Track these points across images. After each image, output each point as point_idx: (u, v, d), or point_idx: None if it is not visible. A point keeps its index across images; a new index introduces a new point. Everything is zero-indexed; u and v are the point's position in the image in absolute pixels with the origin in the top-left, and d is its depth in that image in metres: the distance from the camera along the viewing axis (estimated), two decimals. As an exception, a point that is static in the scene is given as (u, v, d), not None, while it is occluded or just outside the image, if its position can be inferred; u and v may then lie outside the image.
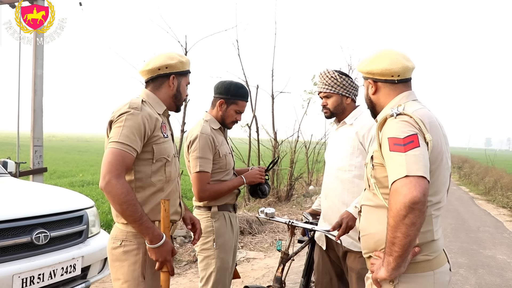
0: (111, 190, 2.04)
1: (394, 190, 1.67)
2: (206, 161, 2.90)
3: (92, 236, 3.88)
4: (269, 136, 11.79)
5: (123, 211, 2.08)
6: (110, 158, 2.07)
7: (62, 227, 3.51)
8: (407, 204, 1.61)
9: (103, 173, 2.06)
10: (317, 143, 15.28)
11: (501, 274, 6.07)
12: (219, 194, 2.98)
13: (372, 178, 1.93)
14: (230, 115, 3.09)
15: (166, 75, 2.39)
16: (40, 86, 6.59)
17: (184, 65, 2.44)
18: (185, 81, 2.50)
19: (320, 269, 3.16)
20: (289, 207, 10.92)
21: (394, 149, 1.74)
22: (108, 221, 7.24)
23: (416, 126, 1.80)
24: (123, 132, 2.11)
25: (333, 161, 3.06)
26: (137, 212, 2.09)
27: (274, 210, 3.08)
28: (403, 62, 2.01)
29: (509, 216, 11.63)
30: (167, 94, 2.42)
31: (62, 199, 4.00)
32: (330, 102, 3.01)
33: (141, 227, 2.11)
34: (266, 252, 6.82)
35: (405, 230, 1.65)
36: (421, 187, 1.62)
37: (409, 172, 1.65)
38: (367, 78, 2.12)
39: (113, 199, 2.06)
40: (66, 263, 3.36)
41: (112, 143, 2.11)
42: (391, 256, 1.73)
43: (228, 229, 3.04)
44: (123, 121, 2.13)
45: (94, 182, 14.02)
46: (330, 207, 3.01)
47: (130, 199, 2.07)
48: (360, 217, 2.13)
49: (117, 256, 2.25)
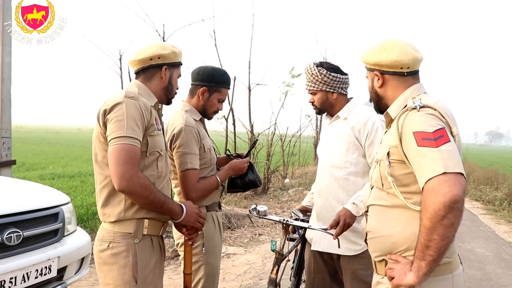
0: (135, 188, 1.96)
1: (431, 189, 1.52)
2: (194, 157, 2.64)
3: (69, 234, 3.63)
4: (246, 129, 11.67)
5: (151, 201, 2.04)
6: (124, 156, 1.94)
7: (36, 225, 3.24)
8: (447, 204, 1.48)
9: (121, 172, 1.93)
10: (292, 136, 15.25)
11: (481, 267, 6.08)
12: (210, 191, 2.75)
13: (389, 176, 1.78)
14: (213, 104, 2.83)
15: (158, 66, 2.26)
16: (8, 75, 6.24)
17: (177, 56, 2.32)
18: (177, 73, 2.38)
19: (312, 268, 3.03)
20: (266, 201, 10.83)
21: (424, 144, 1.60)
22: (81, 215, 6.95)
23: (442, 119, 1.68)
24: (128, 125, 1.98)
25: (327, 158, 2.92)
26: (161, 196, 2.07)
27: (267, 208, 2.91)
28: (412, 53, 1.88)
29: (483, 209, 11.81)
30: (158, 86, 2.29)
31: (35, 195, 3.72)
32: (316, 99, 2.90)
33: (169, 206, 2.11)
34: (246, 248, 6.67)
35: (443, 232, 1.51)
36: (460, 184, 1.50)
37: (447, 169, 1.51)
38: (373, 70, 1.97)
39: (139, 196, 2.00)
40: (41, 265, 3.10)
41: (120, 139, 1.96)
42: (424, 261, 1.58)
43: (217, 231, 2.82)
44: (124, 113, 1.99)
45: (65, 174, 13.65)
46: (324, 206, 2.88)
47: (153, 187, 2.03)
48: (367, 218, 1.99)
49: (104, 260, 2.10)
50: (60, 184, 10.82)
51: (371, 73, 2.00)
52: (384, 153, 1.82)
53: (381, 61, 1.89)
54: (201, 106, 2.83)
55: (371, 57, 1.94)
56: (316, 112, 3.02)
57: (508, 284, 5.43)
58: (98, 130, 2.09)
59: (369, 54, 1.96)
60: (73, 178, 12.73)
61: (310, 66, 2.85)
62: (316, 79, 2.82)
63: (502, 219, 10.31)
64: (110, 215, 2.09)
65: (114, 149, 1.95)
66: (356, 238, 2.77)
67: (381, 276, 1.91)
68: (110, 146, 1.98)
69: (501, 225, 9.52)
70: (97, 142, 2.11)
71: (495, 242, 7.73)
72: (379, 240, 1.88)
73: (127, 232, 2.09)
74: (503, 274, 5.85)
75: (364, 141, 2.76)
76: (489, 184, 15.66)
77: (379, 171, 1.88)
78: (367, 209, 2.01)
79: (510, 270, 6.05)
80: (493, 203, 12.28)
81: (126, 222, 2.09)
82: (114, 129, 1.98)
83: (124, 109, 1.99)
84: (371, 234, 1.94)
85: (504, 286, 5.35)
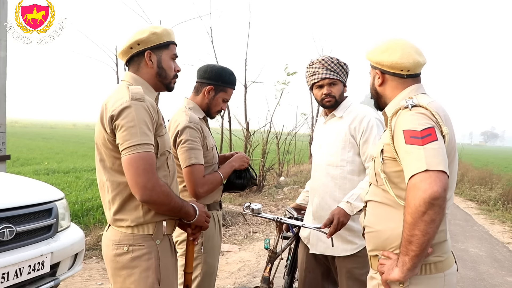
0: (158, 197, 1.90)
1: (413, 185, 1.58)
2: (199, 152, 2.60)
3: (62, 230, 3.62)
4: (241, 126, 11.65)
5: (172, 208, 2.00)
6: (143, 165, 1.85)
7: (29, 221, 3.24)
8: (427, 200, 1.52)
9: (143, 183, 1.85)
10: (288, 134, 15.23)
11: (475, 267, 6.10)
12: (215, 186, 2.71)
13: (382, 172, 1.82)
14: (217, 104, 2.80)
15: (141, 53, 2.10)
16: (3, 69, 6.22)
17: (160, 37, 2.11)
18: (168, 54, 2.16)
19: (304, 266, 3.03)
20: (260, 198, 10.82)
21: (411, 142, 1.64)
22: (75, 211, 6.93)
23: (433, 118, 1.71)
24: (141, 131, 1.87)
25: (323, 157, 2.90)
26: (179, 201, 2.04)
27: (261, 206, 2.89)
28: (414, 56, 1.91)
29: (477, 209, 11.85)
30: (149, 73, 2.13)
31: (29, 191, 3.71)
32: (335, 90, 2.83)
33: (186, 208, 2.09)
34: (240, 245, 6.67)
35: (424, 228, 1.56)
36: (441, 182, 1.53)
37: (429, 166, 1.55)
38: (375, 68, 2.00)
39: (161, 204, 1.95)
40: (34, 260, 3.10)
41: (135, 147, 1.85)
42: (407, 256, 1.63)
43: (217, 231, 2.79)
44: (134, 118, 1.87)
45: (60, 170, 13.58)
46: (320, 204, 2.87)
47: (172, 194, 1.98)
48: (365, 213, 2.03)
49: (123, 264, 1.99)
50: (55, 180, 10.77)
51: (373, 71, 2.04)
52: (378, 150, 1.87)
53: (383, 61, 1.93)
54: (205, 105, 2.79)
55: (374, 55, 1.98)
56: (329, 105, 2.88)
57: (501, 284, 5.45)
58: (105, 136, 1.95)
59: (372, 52, 2.00)
60: (68, 174, 12.66)
61: (328, 56, 2.83)
62: (340, 69, 2.80)
63: (496, 219, 10.34)
64: (128, 220, 1.99)
65: (131, 159, 1.85)
66: (352, 237, 2.78)
67: (374, 272, 1.94)
68: (125, 155, 1.87)
69: (495, 225, 9.55)
70: (103, 148, 1.99)
71: (488, 242, 7.76)
72: (374, 235, 1.92)
73: (148, 234, 2.01)
74: (496, 274, 5.87)
75: (359, 139, 2.76)
76: (484, 184, 15.73)
77: (373, 167, 1.93)
78: (365, 204, 2.06)
79: (503, 270, 6.08)
80: (487, 203, 12.33)
81: (146, 224, 2.02)
82: (127, 137, 1.86)
83: (133, 113, 1.87)
84: (368, 228, 1.98)
85: (497, 286, 5.37)
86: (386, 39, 1.99)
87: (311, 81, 2.86)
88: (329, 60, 2.81)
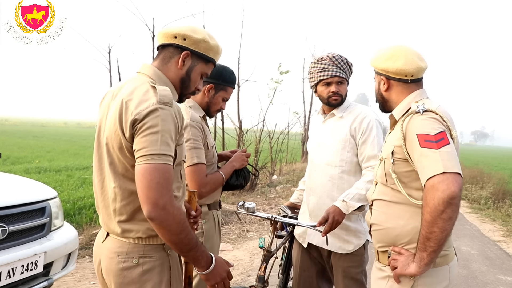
0: (167, 219, 1.63)
1: (431, 186, 1.71)
2: (201, 151, 2.57)
3: (55, 229, 3.60)
4: (234, 125, 11.64)
5: (179, 241, 1.68)
6: (158, 178, 1.61)
7: (22, 220, 3.21)
8: (445, 200, 1.66)
9: (154, 198, 1.60)
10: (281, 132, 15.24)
11: (467, 265, 6.15)
12: (218, 186, 2.69)
13: (393, 173, 1.95)
14: (217, 102, 2.78)
15: (180, 48, 1.87)
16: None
17: (208, 49, 1.92)
18: (202, 69, 1.95)
19: (299, 265, 3.03)
20: (253, 197, 10.81)
21: (426, 145, 1.78)
22: (67, 210, 6.89)
23: (443, 123, 1.86)
24: (163, 140, 1.64)
25: (323, 156, 2.90)
26: (193, 239, 1.72)
27: (255, 204, 2.89)
28: (417, 62, 2.03)
29: (468, 207, 11.93)
30: (175, 73, 1.89)
31: (22, 189, 3.69)
32: (343, 89, 2.85)
33: (196, 254, 1.74)
34: (234, 244, 6.67)
35: (442, 225, 1.69)
36: (458, 183, 1.68)
37: (446, 169, 1.69)
38: (380, 74, 2.12)
39: (170, 229, 1.64)
40: (27, 260, 3.08)
41: (153, 157, 1.62)
42: (425, 252, 1.77)
43: (217, 231, 2.77)
44: (159, 124, 1.64)
45: (52, 168, 13.49)
46: (318, 204, 2.87)
47: (186, 225, 1.69)
48: (371, 211, 2.15)
49: (133, 279, 1.77)
50: (46, 178, 10.68)
51: (378, 77, 2.16)
52: (388, 151, 1.99)
53: (388, 68, 2.05)
54: (205, 103, 2.77)
55: (379, 63, 2.09)
56: (336, 104, 2.85)
57: (492, 281, 5.50)
58: (121, 141, 1.71)
59: (377, 59, 2.11)
60: (59, 172, 12.58)
61: (338, 54, 2.83)
62: (347, 69, 2.82)
63: (487, 217, 10.42)
64: (139, 231, 1.78)
65: (146, 169, 1.62)
66: (349, 236, 2.78)
67: (383, 265, 2.06)
68: (139, 164, 1.64)
69: (486, 224, 9.63)
70: (118, 152, 1.74)
71: (480, 241, 7.83)
72: (383, 232, 2.04)
73: (160, 244, 1.80)
74: (488, 272, 5.92)
75: (358, 139, 2.77)
76: (475, 183, 15.84)
77: (383, 168, 2.04)
78: (371, 203, 2.17)
79: (494, 268, 6.13)
80: (478, 202, 12.41)
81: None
82: (145, 144, 1.63)
83: (159, 119, 1.64)
84: (376, 226, 2.09)
85: (488, 283, 5.42)
86: (388, 47, 2.11)
87: (318, 77, 2.82)
88: (339, 58, 2.81)
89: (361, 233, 2.80)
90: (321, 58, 2.83)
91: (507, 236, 8.39)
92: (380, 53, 2.11)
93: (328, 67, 2.79)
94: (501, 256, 6.82)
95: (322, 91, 2.85)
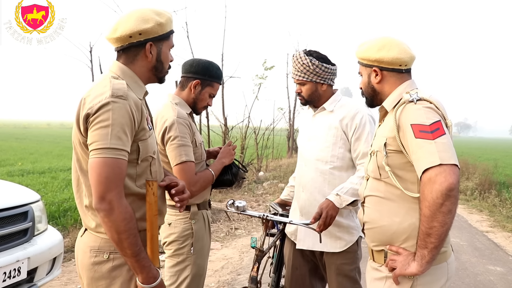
0: (112, 214, 1.62)
1: (428, 179, 1.64)
2: (189, 149, 2.49)
3: (39, 233, 3.49)
4: (219, 122, 11.57)
5: (120, 241, 1.64)
6: (106, 172, 1.62)
7: (3, 225, 3.10)
8: (444, 192, 1.60)
9: (101, 192, 1.61)
10: (266, 128, 15.20)
11: (457, 257, 6.14)
12: (208, 184, 2.62)
13: (387, 165, 1.86)
14: (204, 99, 2.70)
15: (140, 44, 1.84)
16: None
17: (164, 27, 1.87)
18: (168, 46, 1.95)
19: (291, 264, 2.97)
20: (240, 194, 10.75)
21: (421, 136, 1.70)
22: (52, 212, 6.74)
23: (438, 112, 1.78)
24: (114, 134, 1.63)
25: (313, 151, 2.83)
26: (137, 245, 1.67)
27: (246, 203, 2.81)
28: (410, 51, 1.98)
29: (455, 199, 11.97)
30: (144, 67, 1.89)
31: (2, 193, 3.56)
32: (304, 90, 2.79)
33: (137, 263, 1.68)
34: (222, 242, 6.60)
35: (442, 219, 1.63)
36: (455, 174, 1.62)
37: (443, 160, 1.62)
38: (371, 66, 2.02)
39: (112, 225, 1.63)
40: (9, 267, 2.96)
41: (103, 151, 1.62)
42: (426, 249, 1.69)
43: (207, 231, 2.70)
44: (110, 118, 1.64)
45: (35, 171, 13.25)
46: (309, 200, 2.80)
47: (132, 227, 1.66)
48: (364, 209, 2.06)
49: (102, 273, 1.76)
50: (30, 181, 10.49)
51: (367, 69, 2.06)
52: (380, 144, 1.90)
53: (383, 58, 1.95)
54: (191, 100, 2.69)
55: (371, 54, 1.99)
56: (301, 103, 2.91)
57: (482, 272, 5.51)
58: (79, 138, 1.74)
59: (367, 50, 2.01)
60: (43, 174, 12.37)
61: (299, 54, 2.74)
62: (306, 69, 2.71)
63: (474, 208, 10.49)
64: None
65: (95, 163, 1.63)
66: (341, 233, 2.72)
67: (379, 264, 1.97)
68: (91, 158, 1.65)
69: (473, 215, 9.68)
70: (79, 149, 1.77)
71: (468, 232, 7.86)
72: (377, 231, 1.95)
73: None
74: (478, 262, 5.93)
75: (351, 135, 2.70)
76: (460, 175, 15.91)
77: (375, 161, 1.95)
78: (363, 200, 2.07)
79: (483, 258, 6.14)
80: (465, 193, 12.47)
81: None
82: (96, 138, 1.64)
83: (110, 113, 1.64)
84: (369, 224, 2.00)
85: (479, 274, 5.42)
86: (376, 38, 2.04)
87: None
88: (298, 59, 2.73)
89: (354, 229, 2.75)
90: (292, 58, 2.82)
91: (494, 226, 8.44)
92: (369, 44, 2.02)
93: (292, 70, 2.81)
94: (490, 247, 6.84)
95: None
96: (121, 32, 1.81)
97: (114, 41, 1.85)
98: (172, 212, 2.62)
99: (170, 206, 2.63)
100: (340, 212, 2.61)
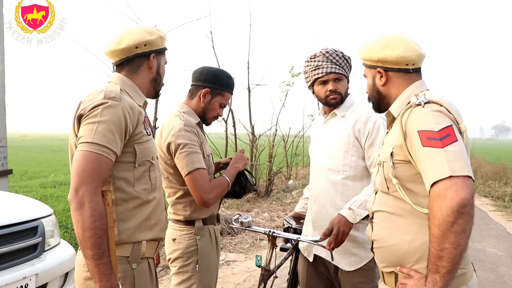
0: (81, 208, 1.58)
1: (437, 194, 1.43)
2: (200, 156, 2.37)
3: (50, 248, 3.41)
4: (246, 130, 11.48)
5: (84, 239, 1.59)
6: (84, 165, 1.62)
7: (11, 241, 3.02)
8: (455, 209, 1.38)
9: (76, 183, 1.61)
10: (295, 136, 15.03)
11: (494, 269, 5.81)
12: (223, 191, 2.48)
13: (394, 178, 1.67)
14: (214, 109, 2.58)
15: (145, 55, 1.94)
16: (1, 83, 6.13)
17: (163, 41, 2.02)
18: (164, 61, 2.08)
19: (305, 282, 2.79)
20: (268, 203, 10.59)
21: (429, 144, 1.50)
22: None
23: (449, 115, 1.57)
24: (99, 130, 1.66)
25: (323, 161, 2.65)
26: (100, 248, 1.60)
27: (251, 218, 2.64)
28: (417, 48, 1.80)
29: (492, 205, 11.50)
30: (146, 78, 1.98)
31: (12, 208, 3.50)
32: (341, 86, 2.59)
33: (97, 268, 1.60)
34: (246, 254, 6.44)
35: (454, 240, 1.40)
36: (468, 188, 1.40)
37: (453, 172, 1.42)
38: (375, 67, 1.84)
39: (79, 220, 1.58)
40: (15, 284, 2.88)
41: (84, 145, 1.65)
42: (438, 274, 1.45)
43: (213, 247, 2.55)
44: (98, 115, 1.68)
45: (67, 182, 13.48)
46: (320, 213, 2.62)
47: (99, 227, 1.59)
48: (372, 225, 1.86)
49: None
50: (61, 192, 10.65)
51: (371, 71, 1.90)
52: (387, 153, 1.72)
53: (386, 57, 1.79)
54: (201, 109, 2.58)
55: (374, 53, 1.83)
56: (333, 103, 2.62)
57: (521, 286, 5.17)
58: (74, 139, 1.79)
59: (371, 50, 1.85)
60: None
61: (331, 49, 2.58)
62: (345, 64, 2.57)
63: (513, 215, 10.00)
64: None
65: (77, 155, 1.65)
66: (356, 249, 2.53)
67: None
68: (76, 151, 1.69)
69: (512, 222, 9.23)
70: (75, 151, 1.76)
71: (507, 241, 7.44)
72: (387, 250, 1.76)
73: (123, 256, 1.77)
74: (516, 275, 5.58)
75: (364, 141, 2.51)
76: (498, 180, 15.39)
77: (382, 173, 1.77)
78: (372, 216, 1.88)
79: (522, 270, 5.79)
80: (503, 199, 11.96)
81: (122, 244, 1.78)
82: (82, 133, 1.68)
83: (99, 111, 1.69)
84: (378, 243, 1.82)
85: (517, 288, 5.10)
86: (381, 36, 1.86)
87: (313, 76, 2.60)
88: (333, 52, 2.56)
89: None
90: (314, 55, 2.60)
91: (535, 235, 8.00)
92: (372, 43, 1.86)
93: (322, 64, 2.55)
94: (529, 257, 6.46)
95: (319, 90, 2.62)
96: (127, 43, 1.89)
97: (119, 52, 1.91)
98: (177, 227, 2.51)
99: (174, 220, 2.52)
100: (355, 226, 2.43)
